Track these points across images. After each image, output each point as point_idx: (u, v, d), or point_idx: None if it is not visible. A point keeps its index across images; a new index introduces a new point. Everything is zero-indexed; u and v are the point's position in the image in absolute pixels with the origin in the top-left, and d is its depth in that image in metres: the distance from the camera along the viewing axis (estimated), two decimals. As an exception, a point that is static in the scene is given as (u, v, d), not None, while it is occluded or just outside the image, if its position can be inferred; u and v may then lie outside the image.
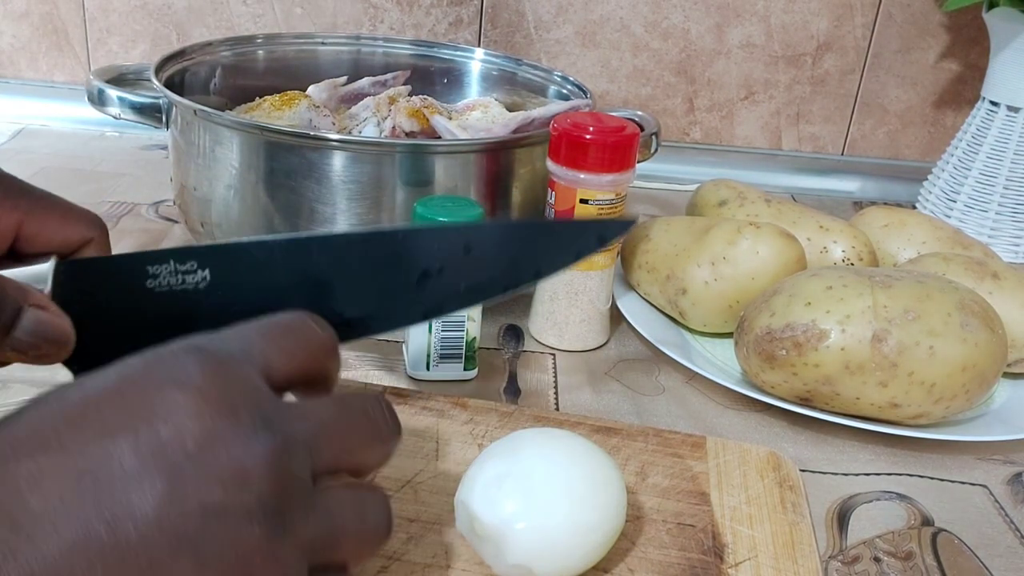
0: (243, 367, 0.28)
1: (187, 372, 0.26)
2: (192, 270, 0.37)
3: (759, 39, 0.96)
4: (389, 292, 0.38)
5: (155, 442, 0.25)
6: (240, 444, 0.25)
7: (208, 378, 0.26)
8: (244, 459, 0.25)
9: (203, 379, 0.26)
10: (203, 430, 0.25)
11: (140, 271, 0.37)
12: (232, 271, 0.37)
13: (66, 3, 0.97)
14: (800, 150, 1.02)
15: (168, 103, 0.65)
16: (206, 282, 0.37)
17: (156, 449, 0.24)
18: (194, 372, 0.26)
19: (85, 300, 0.36)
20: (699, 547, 0.42)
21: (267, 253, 0.37)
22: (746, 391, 0.56)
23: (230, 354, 0.28)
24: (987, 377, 0.52)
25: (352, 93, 0.78)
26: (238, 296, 0.37)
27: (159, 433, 0.25)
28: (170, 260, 0.37)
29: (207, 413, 0.25)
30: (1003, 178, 0.83)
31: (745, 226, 0.60)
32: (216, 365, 0.27)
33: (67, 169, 0.86)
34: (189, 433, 0.25)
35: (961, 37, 0.96)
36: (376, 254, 0.38)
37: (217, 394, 0.26)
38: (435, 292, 0.38)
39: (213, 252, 0.37)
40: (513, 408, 0.52)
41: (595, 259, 0.59)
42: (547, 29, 0.96)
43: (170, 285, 0.37)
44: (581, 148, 0.56)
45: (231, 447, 0.25)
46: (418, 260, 0.38)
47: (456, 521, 0.39)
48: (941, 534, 0.47)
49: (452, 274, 0.38)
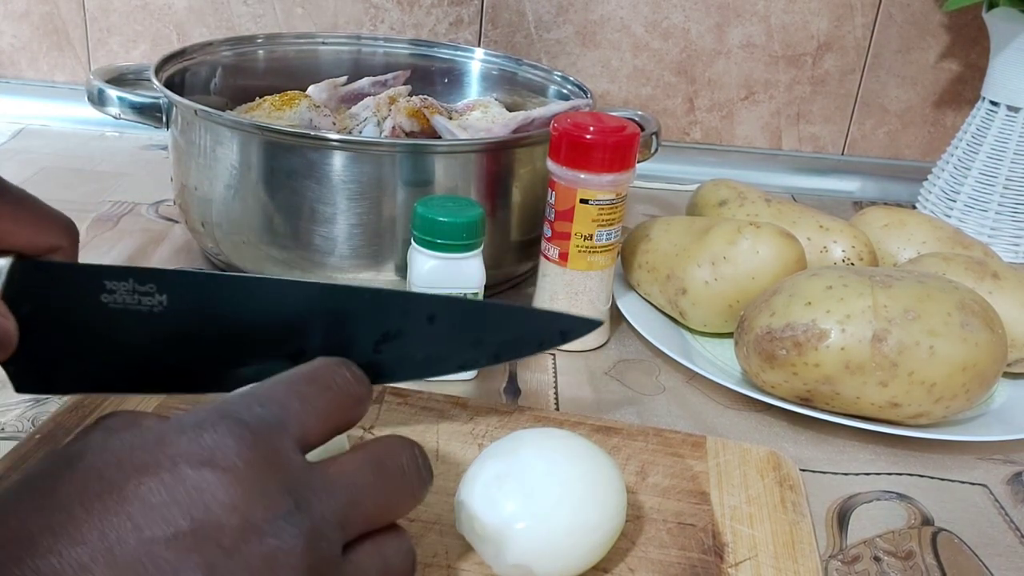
0: (280, 440, 0.28)
1: (225, 453, 0.26)
2: (150, 292, 0.37)
3: (759, 39, 0.96)
4: (345, 348, 0.38)
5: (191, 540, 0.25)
6: (274, 534, 0.26)
7: (245, 460, 0.27)
8: (277, 549, 0.26)
9: (241, 462, 0.26)
10: (239, 522, 0.26)
11: (97, 284, 0.36)
12: (191, 300, 0.37)
13: (66, 3, 0.97)
14: (800, 150, 1.02)
15: (168, 103, 0.65)
16: (162, 307, 0.37)
17: (193, 544, 0.25)
18: (232, 452, 0.27)
19: (36, 303, 0.36)
20: (699, 546, 0.42)
21: (230, 289, 0.37)
22: (746, 391, 0.56)
23: (268, 427, 0.28)
24: (987, 377, 0.52)
25: (352, 93, 0.78)
26: (193, 326, 0.37)
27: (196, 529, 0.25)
28: (129, 279, 0.37)
29: (243, 503, 0.26)
30: (1003, 178, 0.83)
31: (745, 226, 0.60)
32: (254, 444, 0.27)
33: (67, 169, 0.86)
34: (225, 528, 0.25)
35: (961, 37, 0.96)
36: (338, 307, 0.38)
37: (254, 478, 0.26)
38: (391, 355, 0.38)
39: (175, 278, 0.37)
40: (513, 408, 0.52)
41: (595, 259, 0.59)
42: (547, 29, 0.96)
43: (125, 303, 0.37)
44: (581, 148, 0.56)
45: (265, 537, 0.26)
46: (380, 320, 0.38)
47: (456, 521, 0.39)
48: (941, 534, 0.47)
49: (411, 341, 0.39)
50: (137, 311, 0.37)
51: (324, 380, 0.31)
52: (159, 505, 0.25)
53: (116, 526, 0.25)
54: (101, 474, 0.26)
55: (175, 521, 0.25)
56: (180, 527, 0.25)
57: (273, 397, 0.30)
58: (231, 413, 0.28)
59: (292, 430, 0.29)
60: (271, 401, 0.29)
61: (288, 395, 0.30)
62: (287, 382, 0.31)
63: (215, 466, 0.26)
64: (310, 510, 0.27)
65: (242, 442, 0.27)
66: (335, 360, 0.33)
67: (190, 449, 0.26)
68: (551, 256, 0.60)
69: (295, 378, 0.31)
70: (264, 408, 0.29)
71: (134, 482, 0.25)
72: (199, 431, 0.27)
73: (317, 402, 0.30)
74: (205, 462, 0.26)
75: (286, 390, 0.30)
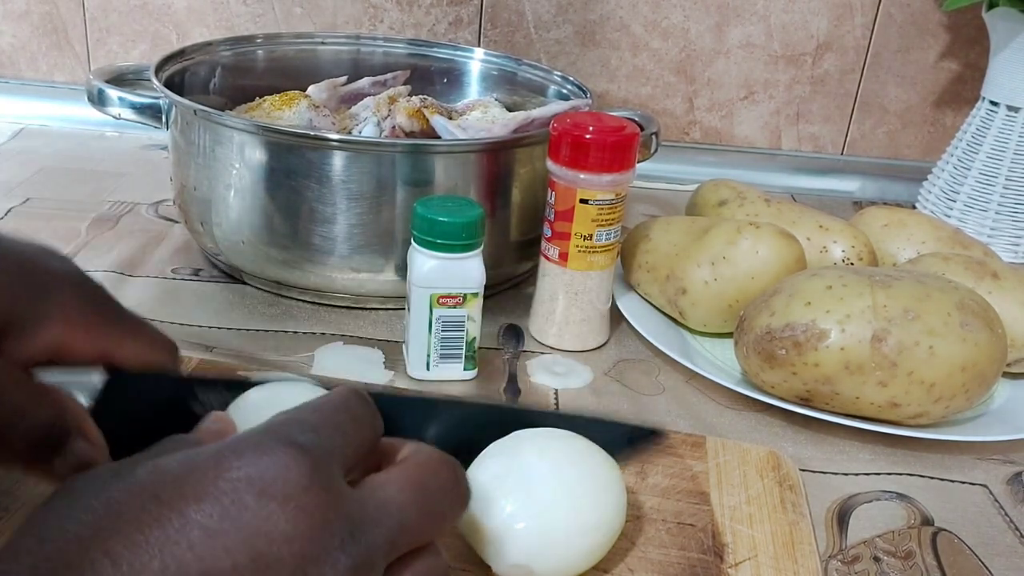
0: (334, 468, 0.28)
1: (287, 480, 0.26)
2: None
3: (759, 39, 0.96)
4: None
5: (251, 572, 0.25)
6: (330, 564, 0.26)
7: (305, 489, 0.26)
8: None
9: (301, 491, 0.26)
10: (298, 554, 0.26)
11: (189, 394, 0.37)
12: None
13: (66, 3, 0.97)
14: (800, 150, 1.02)
15: (168, 103, 0.65)
16: None
17: None
18: (292, 480, 0.26)
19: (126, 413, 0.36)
20: (699, 547, 0.42)
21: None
22: (746, 391, 0.56)
23: (324, 454, 0.28)
24: (987, 377, 0.52)
25: (352, 93, 0.78)
26: None
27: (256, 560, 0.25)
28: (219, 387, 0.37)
29: (303, 535, 0.26)
30: (1003, 178, 0.83)
31: (745, 226, 0.60)
32: (313, 471, 0.27)
33: (67, 169, 0.86)
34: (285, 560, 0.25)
35: (961, 37, 0.96)
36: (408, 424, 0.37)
37: (313, 508, 0.26)
38: None
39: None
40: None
41: (595, 259, 0.59)
42: (547, 29, 0.96)
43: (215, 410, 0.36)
44: (581, 148, 0.56)
45: (322, 567, 0.26)
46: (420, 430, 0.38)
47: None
48: (941, 534, 0.47)
49: None
50: None
51: (354, 412, 0.31)
52: (219, 533, 0.25)
53: (177, 556, 0.24)
54: (158, 497, 0.25)
55: (236, 552, 0.25)
56: (240, 558, 0.25)
57: (321, 425, 0.30)
58: (288, 436, 0.28)
59: (338, 458, 0.29)
60: (320, 428, 0.29)
61: (331, 426, 0.30)
62: (327, 412, 0.30)
63: (275, 494, 0.26)
64: (363, 539, 0.27)
65: (302, 469, 0.27)
66: (356, 391, 0.32)
67: (250, 474, 0.26)
68: (551, 256, 0.60)
69: (330, 408, 0.31)
70: (316, 435, 0.29)
71: (194, 508, 0.25)
72: (259, 454, 0.27)
73: (353, 434, 0.30)
74: (265, 489, 0.26)
75: (328, 420, 0.30)
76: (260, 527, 0.25)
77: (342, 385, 0.33)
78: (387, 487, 0.30)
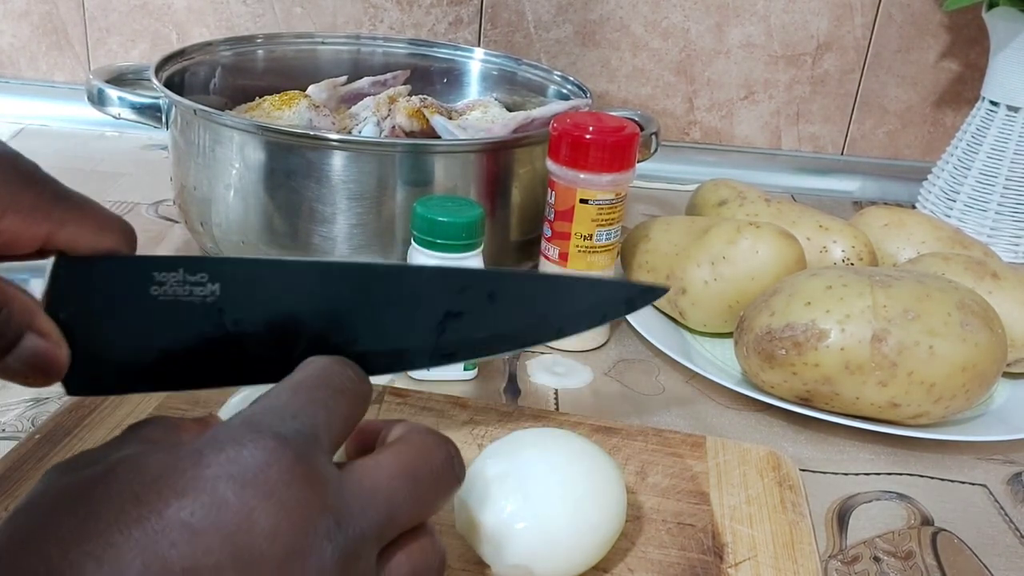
0: (317, 454, 0.28)
1: (267, 474, 0.26)
2: (202, 282, 0.35)
3: (759, 39, 0.96)
4: (408, 330, 0.36)
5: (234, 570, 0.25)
6: (316, 554, 0.26)
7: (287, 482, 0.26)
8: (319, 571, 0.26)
9: (283, 484, 0.26)
10: (283, 549, 0.25)
11: (146, 276, 0.35)
12: (244, 289, 0.35)
13: (66, 3, 0.97)
14: (800, 150, 1.02)
15: (168, 103, 0.65)
16: (215, 296, 0.35)
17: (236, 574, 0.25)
18: (273, 473, 0.26)
19: (82, 300, 0.34)
20: (699, 547, 0.42)
21: (285, 275, 0.36)
22: (746, 391, 0.56)
23: (305, 441, 0.28)
24: (987, 377, 0.52)
25: (352, 93, 0.78)
26: (246, 315, 0.35)
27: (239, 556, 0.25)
28: (180, 269, 0.35)
29: (286, 529, 0.25)
30: (1003, 178, 0.83)
31: (745, 226, 0.60)
32: (295, 462, 0.27)
33: (67, 169, 0.86)
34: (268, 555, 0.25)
35: (961, 37, 0.96)
36: (399, 290, 0.36)
37: (295, 500, 0.26)
38: (454, 336, 0.37)
39: (226, 266, 0.35)
40: (513, 408, 0.52)
41: (595, 259, 0.59)
42: (547, 29, 0.96)
43: (176, 295, 0.35)
44: (581, 148, 0.56)
45: (307, 559, 0.26)
46: (441, 301, 0.37)
47: (456, 521, 0.39)
48: (941, 534, 0.47)
49: (473, 320, 0.37)
50: (189, 302, 0.35)
51: (336, 383, 0.31)
52: (202, 532, 0.24)
53: (159, 556, 0.24)
54: (138, 496, 0.25)
55: (219, 550, 0.24)
56: (223, 556, 0.24)
57: (301, 408, 0.29)
58: (268, 427, 0.27)
59: (323, 441, 0.28)
60: (301, 413, 0.29)
61: (313, 404, 0.29)
62: (306, 389, 0.30)
63: (257, 489, 0.25)
64: (350, 527, 0.27)
65: (283, 463, 0.26)
66: (336, 360, 0.32)
67: (230, 470, 0.26)
68: (551, 256, 0.60)
69: (309, 384, 0.30)
70: (297, 420, 0.28)
71: (175, 506, 0.25)
72: (238, 448, 0.26)
73: (338, 408, 0.30)
74: (247, 484, 0.25)
75: (308, 399, 0.30)
76: (242, 524, 0.25)
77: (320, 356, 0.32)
78: (376, 473, 0.29)
